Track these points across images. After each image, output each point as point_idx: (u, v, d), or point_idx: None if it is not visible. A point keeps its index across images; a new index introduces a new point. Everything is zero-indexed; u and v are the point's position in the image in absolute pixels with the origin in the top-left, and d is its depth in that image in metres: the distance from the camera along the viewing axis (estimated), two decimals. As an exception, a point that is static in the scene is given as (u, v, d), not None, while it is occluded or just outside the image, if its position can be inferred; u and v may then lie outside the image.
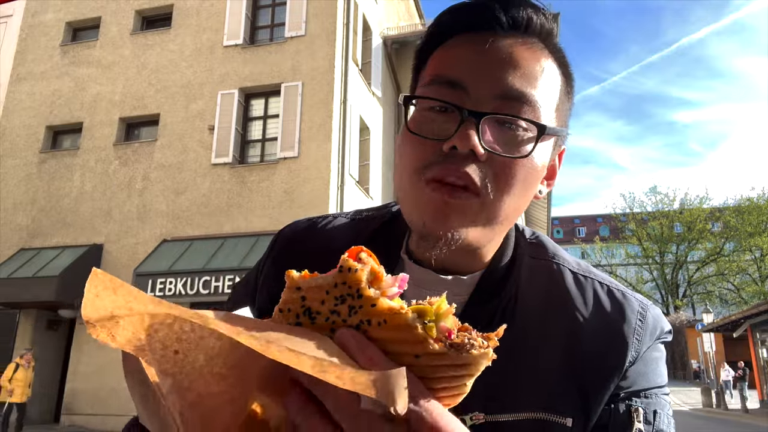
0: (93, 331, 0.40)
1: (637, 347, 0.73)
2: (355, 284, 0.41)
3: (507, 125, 0.67)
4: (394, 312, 0.41)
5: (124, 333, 0.40)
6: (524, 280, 0.77)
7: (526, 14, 0.71)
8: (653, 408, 0.72)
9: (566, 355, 0.71)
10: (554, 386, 0.70)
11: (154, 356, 0.40)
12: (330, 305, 0.42)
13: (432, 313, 0.42)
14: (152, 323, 0.40)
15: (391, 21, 19.13)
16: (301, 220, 0.91)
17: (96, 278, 0.38)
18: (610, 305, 0.75)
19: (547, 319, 0.73)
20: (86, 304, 0.39)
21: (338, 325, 0.42)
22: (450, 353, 0.40)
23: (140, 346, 0.40)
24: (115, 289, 0.38)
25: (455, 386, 0.42)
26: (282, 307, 0.44)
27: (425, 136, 0.68)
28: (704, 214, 43.66)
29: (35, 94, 15.55)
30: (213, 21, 14.95)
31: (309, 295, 0.43)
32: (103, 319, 0.39)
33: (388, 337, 0.41)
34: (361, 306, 0.41)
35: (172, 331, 0.40)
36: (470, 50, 0.69)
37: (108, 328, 0.40)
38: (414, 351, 0.41)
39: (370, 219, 0.87)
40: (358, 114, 14.82)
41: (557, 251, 0.82)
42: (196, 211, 13.55)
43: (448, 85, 0.68)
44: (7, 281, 12.90)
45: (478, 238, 0.69)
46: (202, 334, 0.40)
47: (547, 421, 0.69)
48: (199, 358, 0.40)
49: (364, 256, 0.43)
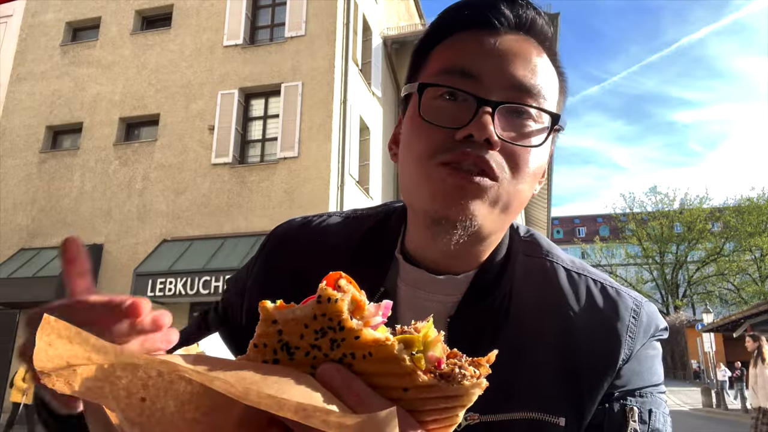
0: (48, 381, 0.37)
1: (631, 345, 0.72)
2: (336, 316, 0.38)
3: (519, 115, 0.68)
4: (379, 344, 0.38)
5: (83, 381, 0.37)
6: (518, 278, 0.76)
7: (530, 15, 0.72)
8: (648, 407, 0.71)
9: (559, 353, 0.71)
10: (548, 385, 0.70)
11: (119, 405, 0.37)
12: (310, 339, 0.39)
13: (419, 342, 0.40)
14: (114, 370, 0.37)
15: (391, 21, 19.13)
16: (296, 219, 0.91)
17: (48, 326, 0.35)
18: (603, 303, 0.75)
19: (541, 317, 0.73)
20: (38, 354, 0.36)
21: (319, 360, 0.39)
22: (440, 385, 0.38)
23: (102, 395, 0.37)
24: (70, 338, 0.35)
25: (446, 417, 0.40)
26: (257, 342, 0.40)
27: (439, 125, 0.67)
28: (704, 214, 43.65)
29: (35, 94, 15.55)
30: (213, 21, 14.95)
31: (286, 328, 0.39)
32: (58, 368, 0.36)
33: (374, 370, 0.39)
34: (343, 339, 0.38)
35: (137, 377, 0.37)
36: (478, 44, 0.70)
37: (64, 376, 0.37)
38: (402, 384, 0.38)
39: (365, 218, 0.87)
40: (358, 114, 14.82)
41: (551, 249, 0.82)
42: (196, 211, 13.55)
43: (461, 74, 0.68)
44: (7, 281, 12.91)
45: (492, 225, 0.69)
46: (171, 379, 0.37)
47: (541, 421, 0.68)
48: (169, 404, 0.37)
49: (344, 283, 0.41)
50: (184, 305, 12.80)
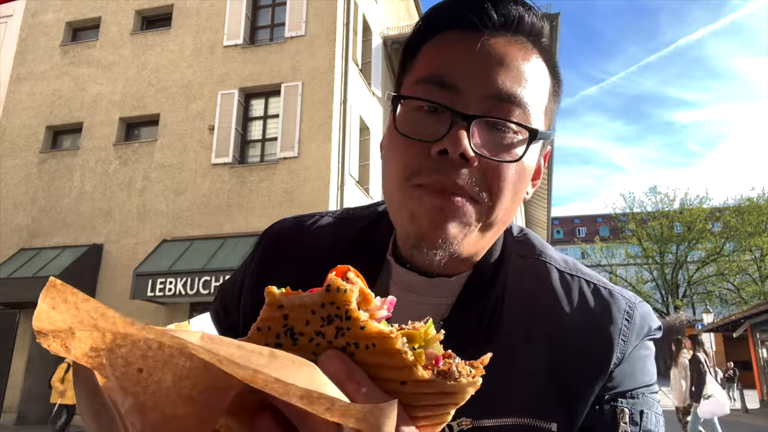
0: (43, 341, 0.37)
1: (623, 348, 0.71)
2: (344, 305, 0.39)
3: (497, 128, 0.66)
4: (383, 336, 0.39)
5: (80, 345, 0.37)
6: (511, 280, 0.75)
7: (517, 12, 0.69)
8: (640, 408, 0.70)
9: (551, 356, 0.70)
10: (539, 390, 0.69)
11: (114, 373, 0.36)
12: (315, 326, 0.40)
13: (421, 339, 0.41)
14: (114, 339, 0.36)
15: (391, 21, 19.13)
16: (288, 219, 0.90)
17: (54, 289, 0.34)
18: (595, 305, 0.73)
19: (533, 319, 0.72)
20: (39, 315, 0.35)
21: (322, 347, 0.40)
22: (437, 381, 0.39)
23: (98, 361, 0.37)
24: (77, 303, 0.34)
25: (437, 414, 0.41)
26: (261, 326, 0.40)
27: (414, 138, 0.66)
28: (704, 214, 43.60)
29: (35, 94, 15.55)
30: (213, 21, 14.95)
31: (292, 314, 0.40)
32: (58, 330, 0.36)
33: (375, 361, 0.39)
34: (348, 328, 0.39)
35: (137, 347, 0.36)
36: (461, 49, 0.68)
37: (62, 338, 0.36)
38: (400, 377, 0.39)
39: (356, 219, 0.86)
40: (358, 114, 14.82)
41: (544, 249, 0.80)
42: (196, 211, 13.54)
43: (439, 85, 0.66)
44: (7, 281, 12.90)
45: (471, 245, 0.68)
46: (171, 353, 0.36)
47: (533, 426, 0.67)
48: (166, 378, 0.37)
49: (352, 275, 0.41)
50: (184, 305, 12.81)
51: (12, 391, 13.30)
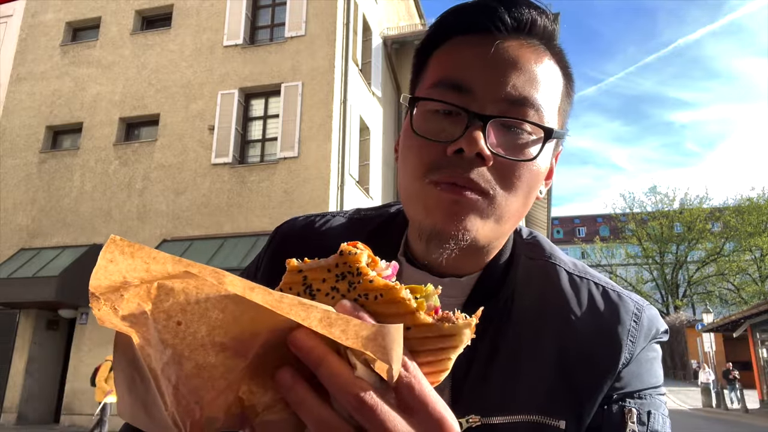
0: (95, 304, 0.40)
1: (631, 349, 0.72)
2: (355, 263, 0.45)
3: (512, 128, 0.68)
4: (389, 287, 0.44)
5: (128, 305, 0.41)
6: (521, 281, 0.76)
7: (530, 16, 0.70)
8: (647, 408, 0.72)
9: (560, 356, 0.71)
10: (548, 388, 0.70)
11: (157, 326, 0.41)
12: (331, 282, 0.46)
13: (422, 291, 0.46)
14: (159, 294, 0.40)
15: (391, 21, 19.12)
16: (299, 218, 0.90)
17: (113, 244, 0.38)
18: (604, 306, 0.75)
19: (542, 320, 0.73)
20: (97, 272, 0.39)
21: (338, 300, 0.45)
22: (437, 324, 0.44)
23: (142, 319, 0.41)
24: (133, 253, 0.39)
25: (439, 360, 0.45)
26: (283, 287, 0.46)
27: (431, 138, 0.68)
28: (704, 214, 43.66)
29: (35, 94, 15.55)
30: (213, 21, 14.95)
31: (311, 275, 0.46)
32: (111, 289, 0.40)
33: (383, 311, 0.44)
34: (359, 282, 0.45)
35: (178, 302, 0.41)
36: (475, 52, 0.69)
37: (112, 300, 0.40)
38: (406, 322, 0.43)
39: (368, 219, 0.87)
40: (358, 114, 14.82)
41: (554, 251, 0.82)
42: (196, 211, 13.55)
43: (454, 88, 0.68)
44: (7, 281, 12.90)
45: (487, 236, 0.69)
46: (206, 306, 0.41)
47: (541, 424, 0.69)
48: (201, 329, 0.41)
49: (361, 246, 0.48)
50: (184, 305, 12.79)
51: (12, 391, 13.31)
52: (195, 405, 0.41)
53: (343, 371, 0.41)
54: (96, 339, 13.19)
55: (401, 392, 0.42)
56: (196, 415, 0.41)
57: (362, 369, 0.41)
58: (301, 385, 0.42)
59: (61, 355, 14.27)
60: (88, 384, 12.93)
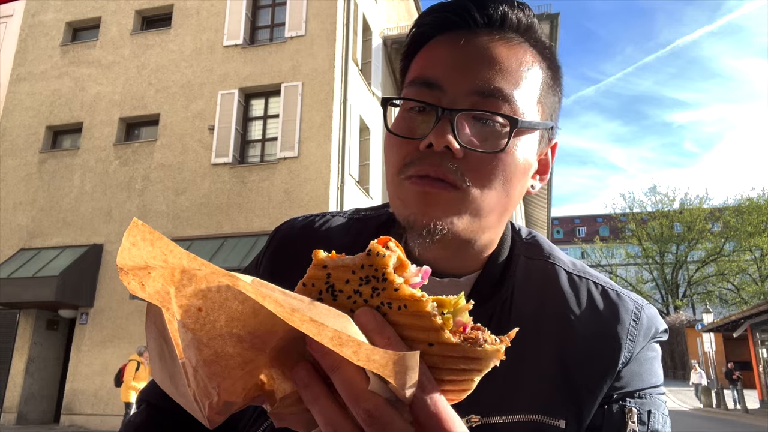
0: (125, 278, 0.42)
1: (631, 348, 0.72)
2: (382, 268, 0.43)
3: (483, 121, 0.68)
4: (415, 299, 0.42)
5: (153, 284, 0.41)
6: (520, 281, 0.76)
7: (501, 11, 0.71)
8: (648, 408, 0.72)
9: (560, 356, 0.71)
10: (548, 388, 0.70)
11: (179, 309, 0.41)
12: (354, 285, 0.43)
13: (451, 305, 0.43)
14: (182, 279, 0.41)
15: (391, 21, 19.13)
16: (298, 218, 0.91)
17: (136, 228, 0.39)
18: (603, 306, 0.75)
19: (542, 320, 0.73)
20: (122, 252, 0.40)
21: (359, 305, 0.43)
22: (463, 345, 0.41)
23: (167, 299, 0.42)
24: (153, 241, 0.39)
25: (462, 380, 0.43)
26: (306, 282, 0.45)
27: (404, 136, 0.70)
28: (704, 214, 43.65)
29: (35, 94, 15.55)
30: (213, 21, 14.95)
31: (335, 273, 0.44)
32: (136, 268, 0.41)
33: (406, 322, 0.42)
34: (384, 289, 0.42)
35: (199, 288, 0.41)
36: (447, 50, 0.70)
37: (140, 276, 0.41)
38: (429, 339, 0.41)
39: (368, 219, 0.87)
40: (358, 114, 14.82)
41: (553, 251, 0.82)
42: (196, 211, 13.55)
43: (426, 85, 0.69)
44: (7, 281, 12.90)
45: (467, 230, 0.68)
46: (227, 296, 0.41)
47: (541, 423, 0.69)
48: (221, 318, 0.41)
49: (392, 245, 0.45)
50: (184, 305, 12.79)
51: (12, 391, 13.30)
52: (212, 390, 0.42)
53: (357, 382, 0.40)
54: (96, 339, 13.19)
55: (415, 410, 0.41)
56: (214, 399, 0.42)
57: (376, 382, 0.40)
58: (316, 384, 0.42)
59: (61, 355, 14.28)
60: (88, 384, 12.94)
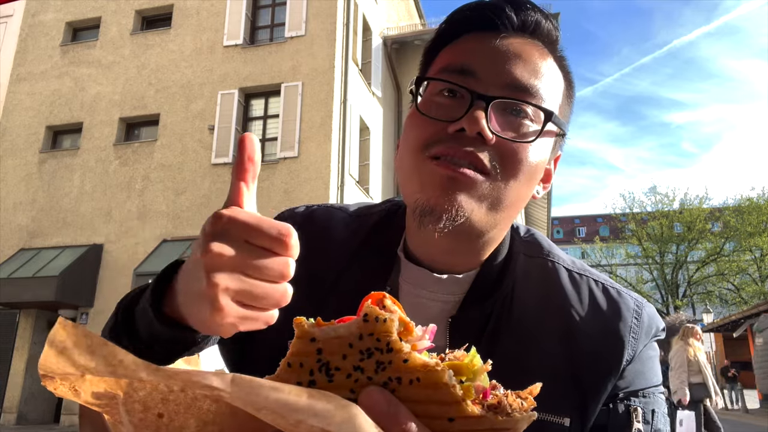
0: (50, 384, 0.33)
1: (634, 346, 0.72)
2: (385, 336, 0.36)
3: (513, 113, 0.68)
4: (429, 369, 0.36)
5: (91, 388, 0.33)
6: (520, 279, 0.76)
7: (535, 17, 0.73)
8: (651, 407, 0.72)
9: (563, 353, 0.71)
10: (551, 386, 0.69)
11: (131, 419, 0.33)
12: (354, 360, 0.37)
13: (469, 371, 0.38)
14: (131, 382, 0.33)
15: (391, 21, 19.12)
16: (299, 209, 0.89)
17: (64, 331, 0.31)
18: (605, 303, 0.75)
19: (543, 317, 0.73)
20: (46, 357, 0.31)
21: (362, 383, 0.37)
22: (488, 416, 0.36)
23: (112, 406, 0.34)
24: (92, 348, 0.31)
25: None
26: (292, 361, 0.37)
27: (434, 117, 0.68)
28: (704, 214, 43.61)
29: (35, 94, 15.54)
30: (213, 21, 14.95)
31: (327, 347, 0.37)
32: (66, 373, 0.32)
33: (420, 397, 0.36)
34: (390, 361, 0.36)
35: (157, 390, 0.33)
36: (482, 43, 0.71)
37: (71, 381, 0.33)
38: (448, 414, 0.36)
39: (368, 215, 0.87)
40: (358, 114, 14.81)
41: (552, 249, 0.82)
42: (196, 211, 13.54)
43: (460, 72, 0.69)
44: (7, 281, 12.89)
45: (482, 221, 0.68)
46: (195, 395, 0.33)
47: (546, 421, 0.68)
48: (190, 423, 0.34)
49: (389, 303, 0.39)
50: (184, 305, 12.78)
51: (12, 391, 13.30)
52: None
53: None
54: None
55: None
56: None
57: None
58: None
59: (61, 355, 14.27)
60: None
